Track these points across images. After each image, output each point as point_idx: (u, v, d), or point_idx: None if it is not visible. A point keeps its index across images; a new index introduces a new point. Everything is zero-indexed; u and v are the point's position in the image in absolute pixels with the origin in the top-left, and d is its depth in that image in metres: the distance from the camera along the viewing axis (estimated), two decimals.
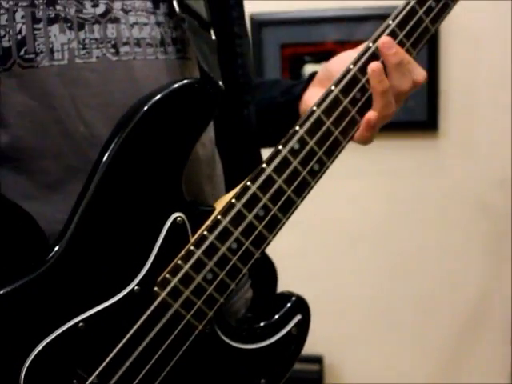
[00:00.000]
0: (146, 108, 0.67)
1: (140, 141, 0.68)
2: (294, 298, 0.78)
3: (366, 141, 0.79)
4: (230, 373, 0.74)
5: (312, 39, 1.87)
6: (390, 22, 0.73)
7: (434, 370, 2.01)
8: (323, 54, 0.77)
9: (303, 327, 0.79)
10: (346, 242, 1.98)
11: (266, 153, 0.77)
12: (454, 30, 1.81)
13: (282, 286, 0.93)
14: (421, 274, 1.96)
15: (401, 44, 0.74)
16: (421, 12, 0.74)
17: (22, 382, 0.64)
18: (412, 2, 0.74)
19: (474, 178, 1.88)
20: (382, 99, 0.74)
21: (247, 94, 0.91)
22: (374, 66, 0.72)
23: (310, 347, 2.00)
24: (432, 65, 1.83)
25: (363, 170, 1.94)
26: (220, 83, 0.74)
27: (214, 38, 0.81)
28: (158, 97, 0.67)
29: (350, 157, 1.83)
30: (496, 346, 1.93)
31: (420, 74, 0.78)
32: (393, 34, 0.74)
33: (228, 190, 0.82)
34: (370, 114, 0.74)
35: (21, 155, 0.69)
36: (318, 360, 2.05)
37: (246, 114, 0.90)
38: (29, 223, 0.67)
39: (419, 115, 1.87)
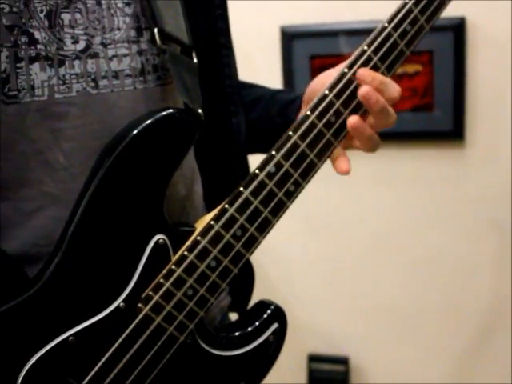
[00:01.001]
0: (129, 137, 0.69)
1: (124, 168, 0.70)
2: (272, 307, 0.80)
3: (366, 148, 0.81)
4: (210, 378, 0.77)
5: (341, 51, 1.85)
6: (366, 47, 0.74)
7: (459, 372, 2.01)
8: None
9: (280, 335, 0.80)
10: (372, 246, 1.98)
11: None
12: (480, 39, 1.77)
13: (310, 290, 0.96)
14: (447, 279, 1.94)
15: (375, 68, 0.75)
16: (395, 36, 0.75)
17: None
18: (388, 27, 0.75)
19: (499, 187, 1.85)
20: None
21: (234, 103, 0.92)
22: (363, 91, 0.73)
23: (336, 348, 2.01)
24: (458, 75, 1.79)
25: (389, 178, 1.93)
26: (199, 111, 0.75)
27: (195, 61, 0.82)
28: (140, 127, 0.69)
29: (377, 165, 1.84)
30: None
31: (395, 90, 0.77)
32: (368, 59, 0.74)
33: (209, 202, 0.85)
34: (351, 119, 0.75)
35: (3, 184, 0.70)
36: (344, 361, 2.05)
37: (234, 122, 0.91)
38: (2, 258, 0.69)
39: (446, 125, 1.85)
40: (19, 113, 0.70)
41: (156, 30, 0.76)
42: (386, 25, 0.74)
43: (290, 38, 1.87)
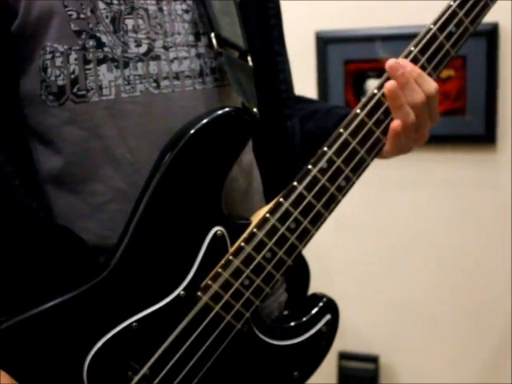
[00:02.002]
0: (189, 134, 0.71)
1: (184, 163, 0.71)
2: (325, 299, 0.82)
3: (400, 149, 0.81)
4: (265, 366, 0.78)
5: (375, 55, 1.85)
6: (412, 48, 0.75)
7: (488, 372, 1.99)
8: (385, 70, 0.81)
9: (332, 326, 0.82)
10: (404, 247, 1.98)
11: None
12: None
13: (341, 289, 0.98)
14: (477, 280, 1.93)
15: (422, 68, 0.77)
16: (441, 37, 0.76)
17: (85, 373, 0.69)
18: (433, 29, 0.76)
19: None
20: (398, 113, 0.77)
21: (289, 107, 0.93)
22: (389, 85, 0.75)
23: (366, 347, 2.01)
24: (490, 80, 1.78)
25: (420, 180, 1.93)
26: (255, 110, 0.76)
27: (250, 64, 0.83)
28: (199, 125, 0.71)
29: (408, 168, 1.83)
30: None
31: (431, 86, 0.78)
32: (415, 59, 0.76)
33: (268, 197, 0.85)
34: (393, 123, 0.77)
35: (73, 179, 0.73)
36: (374, 359, 2.05)
37: (289, 125, 0.92)
38: (78, 242, 0.72)
39: (477, 129, 1.83)
40: (88, 111, 0.72)
41: (213, 35, 0.78)
42: (432, 27, 0.76)
43: (325, 43, 1.87)
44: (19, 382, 0.67)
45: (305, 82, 0.96)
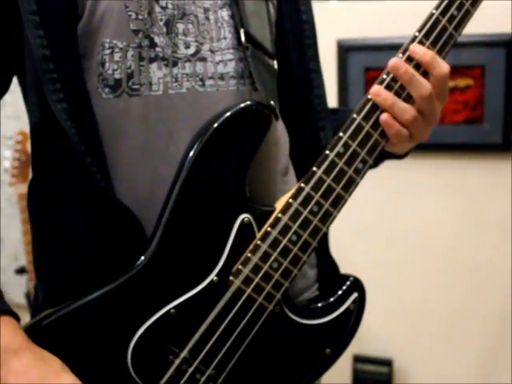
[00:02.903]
0: (213, 127, 0.74)
1: (210, 154, 0.75)
2: (351, 278, 0.83)
3: (415, 138, 0.82)
4: (298, 345, 0.79)
5: None
6: (416, 33, 0.77)
7: (501, 377, 1.97)
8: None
9: (360, 304, 0.83)
10: (419, 251, 1.99)
11: None
12: None
13: None
14: (490, 284, 1.94)
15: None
16: (444, 21, 0.77)
17: (129, 359, 0.72)
18: (436, 13, 0.77)
19: None
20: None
21: (323, 119, 0.95)
22: (374, 90, 0.77)
23: (380, 350, 2.01)
24: (509, 90, 1.79)
25: (438, 186, 1.94)
26: (272, 103, 0.78)
27: (276, 67, 0.87)
28: (223, 117, 0.75)
29: (427, 174, 1.86)
30: None
31: (444, 68, 0.79)
32: (420, 43, 0.77)
33: None
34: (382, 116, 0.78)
35: (124, 169, 0.77)
36: (387, 363, 2.07)
37: (322, 136, 0.94)
38: (135, 222, 0.76)
39: (494, 138, 1.84)
40: (140, 104, 0.76)
41: (242, 31, 0.81)
42: (434, 11, 0.77)
43: (346, 51, 1.92)
44: (71, 367, 0.69)
45: (326, 88, 1.00)
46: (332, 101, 1.65)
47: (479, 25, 1.07)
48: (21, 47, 0.78)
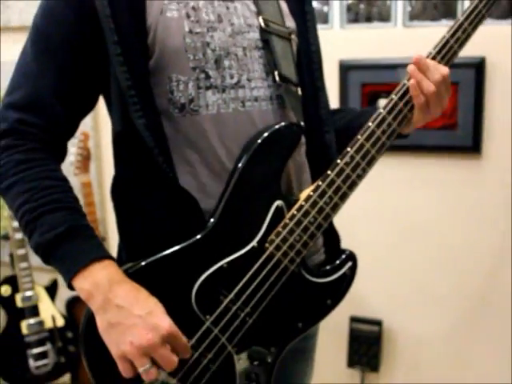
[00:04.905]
0: (258, 141, 0.89)
1: (258, 158, 0.89)
2: (347, 252, 0.97)
3: (427, 117, 0.93)
4: (308, 296, 0.93)
5: (386, 80, 1.94)
6: (432, 50, 0.93)
7: (472, 336, 2.06)
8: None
9: (353, 270, 0.96)
10: (405, 233, 2.08)
11: None
12: (497, 74, 1.86)
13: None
14: (463, 258, 2.02)
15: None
16: (452, 41, 0.92)
17: (193, 297, 0.87)
18: (447, 36, 0.92)
19: (507, 190, 1.92)
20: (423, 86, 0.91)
21: (328, 125, 1.05)
22: (412, 67, 0.91)
23: (372, 313, 2.17)
24: (478, 102, 1.88)
25: (420, 182, 2.02)
26: (302, 123, 0.92)
27: (299, 93, 0.99)
28: (266, 133, 0.90)
29: (409, 171, 2.01)
30: None
31: (444, 69, 0.91)
32: (433, 59, 0.92)
33: None
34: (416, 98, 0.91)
35: (186, 168, 0.91)
36: (378, 323, 2.15)
37: (327, 137, 1.04)
38: (194, 204, 0.90)
39: (466, 141, 1.93)
40: (200, 121, 0.90)
41: (276, 73, 0.94)
42: (446, 35, 0.92)
43: (346, 69, 1.99)
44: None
45: (329, 99, 1.07)
46: None
47: None
48: (108, 76, 0.89)
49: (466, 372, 2.11)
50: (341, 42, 2.01)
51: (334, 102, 1.96)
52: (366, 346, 2.18)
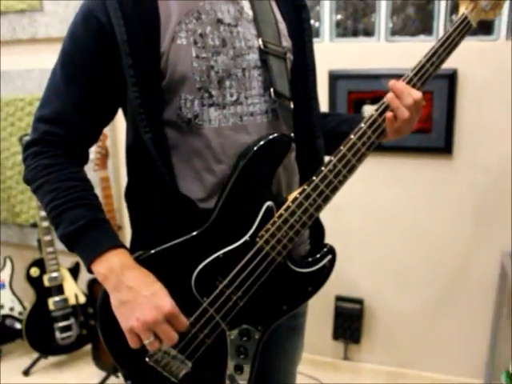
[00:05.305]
0: (253, 150, 0.90)
1: (252, 165, 0.90)
2: (328, 246, 0.97)
3: (401, 133, 0.93)
4: (292, 284, 0.94)
5: (370, 88, 1.96)
6: (410, 73, 0.91)
7: (441, 314, 2.08)
8: (378, 99, 0.89)
9: (332, 263, 0.97)
10: (385, 223, 2.10)
11: None
12: (467, 84, 1.88)
13: (342, 252, 1.02)
14: (438, 245, 2.05)
15: (414, 86, 0.91)
16: (428, 65, 0.91)
17: (193, 282, 0.90)
18: (423, 61, 0.91)
19: (475, 187, 1.96)
20: (397, 111, 0.91)
21: (318, 131, 1.04)
22: (389, 95, 0.90)
23: (354, 292, 2.22)
24: (450, 108, 1.91)
25: (398, 179, 2.04)
26: (292, 134, 0.93)
27: (292, 107, 0.98)
28: (261, 142, 0.90)
29: (391, 169, 2.03)
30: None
31: (418, 94, 0.90)
32: (410, 81, 0.91)
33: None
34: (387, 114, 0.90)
35: (192, 174, 0.92)
36: (360, 301, 2.19)
37: (317, 143, 1.03)
38: (194, 206, 0.92)
39: (439, 143, 1.96)
40: (204, 133, 0.91)
41: (272, 90, 0.94)
42: (422, 59, 0.91)
43: (335, 79, 2.02)
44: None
45: (320, 105, 1.05)
46: None
47: None
48: (125, 94, 0.90)
49: (437, 343, 2.13)
50: (330, 54, 2.03)
51: (324, 108, 1.98)
52: (349, 321, 2.21)
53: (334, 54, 2.03)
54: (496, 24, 1.84)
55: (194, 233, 0.90)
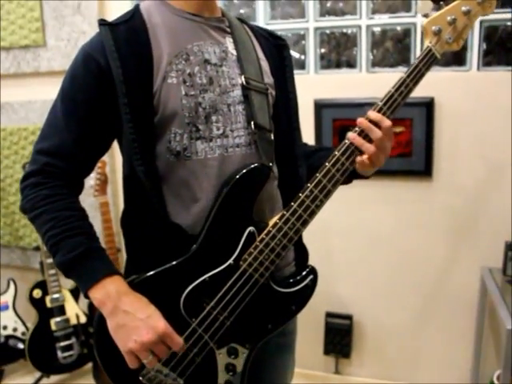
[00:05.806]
0: (235, 178, 0.92)
1: (234, 192, 0.92)
2: (310, 266, 0.98)
3: (375, 166, 0.93)
4: (275, 304, 0.96)
5: (354, 116, 1.82)
6: (379, 103, 0.92)
7: (426, 324, 2.08)
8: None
9: (314, 282, 0.98)
10: (371, 242, 2.12)
11: None
12: (444, 111, 1.92)
13: (331, 270, 0.98)
14: (421, 262, 2.06)
15: (384, 114, 0.91)
16: (396, 95, 0.92)
17: (181, 304, 0.91)
18: (392, 91, 0.92)
19: (454, 206, 1.98)
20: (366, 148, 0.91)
21: (300, 160, 1.06)
22: (351, 135, 0.92)
23: (343, 308, 2.22)
24: (428, 134, 1.94)
25: (382, 199, 2.07)
26: (270, 164, 0.94)
27: (272, 138, 0.99)
28: (241, 172, 0.93)
29: (373, 191, 2.05)
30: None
31: (387, 123, 0.90)
32: (380, 110, 0.92)
33: None
34: (358, 158, 0.92)
35: (179, 202, 0.94)
36: (349, 317, 2.19)
37: (300, 171, 1.05)
38: (182, 233, 0.94)
39: (419, 166, 1.99)
40: (191, 164, 0.93)
41: (252, 123, 0.96)
42: (391, 89, 0.92)
43: (320, 107, 2.05)
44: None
45: (306, 134, 1.04)
46: (311, 142, 1.74)
47: None
48: (121, 128, 0.93)
49: (424, 356, 2.14)
50: (315, 85, 2.06)
51: (310, 135, 2.07)
52: (339, 336, 2.21)
53: (318, 85, 2.06)
54: (468, 56, 1.89)
55: (182, 258, 0.92)
